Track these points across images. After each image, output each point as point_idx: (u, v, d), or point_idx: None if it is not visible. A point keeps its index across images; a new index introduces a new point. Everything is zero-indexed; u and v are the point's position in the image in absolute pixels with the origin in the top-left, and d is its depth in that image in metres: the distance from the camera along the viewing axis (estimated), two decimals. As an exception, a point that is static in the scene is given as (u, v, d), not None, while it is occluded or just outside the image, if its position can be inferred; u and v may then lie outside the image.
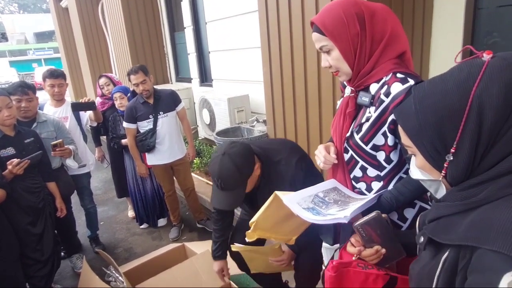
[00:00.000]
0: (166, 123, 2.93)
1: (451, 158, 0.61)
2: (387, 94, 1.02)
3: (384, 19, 1.03)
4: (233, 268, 2.16)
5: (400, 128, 0.70)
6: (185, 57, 5.25)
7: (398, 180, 1.10)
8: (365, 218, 0.91)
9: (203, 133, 4.28)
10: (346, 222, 0.95)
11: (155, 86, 3.00)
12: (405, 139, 0.69)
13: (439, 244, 0.64)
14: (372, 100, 1.05)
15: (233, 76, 3.94)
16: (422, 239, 0.71)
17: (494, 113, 0.56)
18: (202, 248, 2.28)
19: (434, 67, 2.28)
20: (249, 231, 1.32)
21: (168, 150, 2.97)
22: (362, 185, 1.16)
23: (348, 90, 1.15)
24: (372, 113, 1.06)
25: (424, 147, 0.65)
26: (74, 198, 2.89)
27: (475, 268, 0.55)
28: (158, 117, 2.89)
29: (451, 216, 0.63)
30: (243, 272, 2.02)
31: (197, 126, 3.22)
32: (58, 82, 2.75)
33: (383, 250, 0.91)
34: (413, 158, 0.72)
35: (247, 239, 1.33)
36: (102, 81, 3.32)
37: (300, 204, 1.07)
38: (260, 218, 1.28)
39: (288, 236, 1.42)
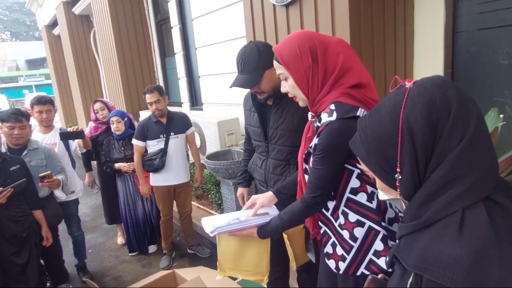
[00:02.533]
0: (176, 144, 2.95)
1: (400, 177, 0.67)
2: (319, 121, 1.13)
3: (337, 53, 1.12)
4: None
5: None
6: (176, 81, 5.32)
7: (346, 200, 1.18)
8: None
9: (194, 156, 4.27)
10: (211, 235, 1.26)
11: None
12: (362, 165, 0.76)
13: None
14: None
15: (223, 100, 3.99)
16: (387, 258, 0.76)
17: (422, 132, 0.63)
18: (192, 274, 2.23)
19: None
20: (218, 270, 1.46)
21: (174, 172, 2.97)
22: None
23: (309, 115, 1.24)
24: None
25: (376, 170, 0.72)
26: (62, 226, 2.82)
27: None
28: (169, 137, 2.90)
29: (408, 236, 0.68)
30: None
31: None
32: (46, 108, 2.75)
33: None
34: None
35: (217, 277, 1.46)
36: (97, 105, 3.33)
37: (212, 223, 1.31)
38: (220, 256, 1.42)
39: (257, 271, 1.47)
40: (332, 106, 1.08)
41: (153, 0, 5.68)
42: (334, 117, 1.06)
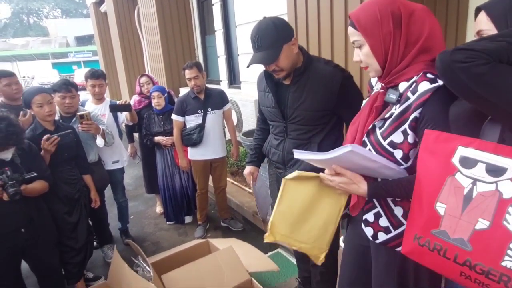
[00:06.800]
0: (213, 120, 3.03)
1: None
2: (413, 92, 1.02)
3: (423, 20, 1.03)
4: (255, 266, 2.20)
5: (482, 18, 0.87)
6: (215, 59, 5.38)
7: None
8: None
9: (230, 134, 4.37)
10: (351, 149, 0.96)
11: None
12: (485, 24, 0.87)
13: None
14: (399, 98, 1.06)
15: (261, 79, 4.00)
16: None
17: None
18: (225, 245, 2.34)
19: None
20: (267, 233, 1.26)
21: (211, 146, 3.07)
22: None
23: (378, 85, 1.16)
24: (396, 110, 1.07)
25: (506, 26, 0.82)
26: (108, 193, 3.04)
27: None
28: (207, 113, 3.00)
29: None
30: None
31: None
32: (99, 83, 2.93)
33: None
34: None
35: (265, 240, 1.28)
36: (144, 79, 3.49)
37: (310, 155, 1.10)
38: (276, 216, 1.22)
39: (316, 245, 1.27)
40: (430, 75, 1.00)
41: (196, -23, 5.71)
42: (440, 83, 0.97)
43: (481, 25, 0.89)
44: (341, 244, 1.95)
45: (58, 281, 2.27)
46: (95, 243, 2.94)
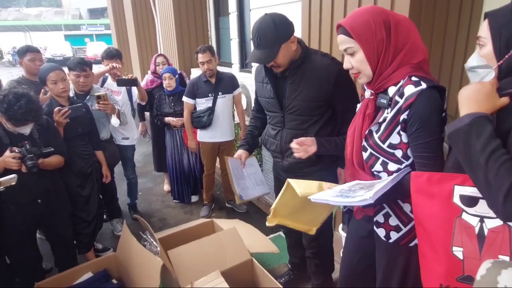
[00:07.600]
0: (223, 104, 3.09)
1: None
2: (401, 95, 1.10)
3: (408, 29, 1.13)
4: (260, 246, 2.30)
5: (484, 25, 0.91)
6: (228, 42, 5.37)
7: None
8: None
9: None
10: (372, 202, 0.98)
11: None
12: (484, 32, 0.90)
13: None
14: (390, 102, 1.13)
15: (273, 64, 4.00)
16: None
17: None
18: (229, 225, 2.43)
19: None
20: (269, 216, 1.43)
21: (220, 130, 3.14)
22: (384, 175, 1.24)
23: (367, 93, 1.24)
24: (388, 113, 1.14)
25: (499, 39, 0.86)
26: (118, 168, 3.15)
27: None
28: (217, 97, 3.05)
29: None
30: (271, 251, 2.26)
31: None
32: (113, 63, 2.99)
33: None
34: (476, 51, 0.95)
35: (267, 224, 1.44)
36: (160, 59, 3.54)
37: (328, 194, 1.15)
38: (278, 205, 1.37)
39: (309, 225, 1.50)
40: (414, 78, 1.08)
41: (212, -44, 5.63)
42: (424, 85, 1.05)
43: (481, 32, 0.92)
44: (340, 232, 2.03)
45: (70, 250, 2.41)
46: (104, 216, 3.07)
